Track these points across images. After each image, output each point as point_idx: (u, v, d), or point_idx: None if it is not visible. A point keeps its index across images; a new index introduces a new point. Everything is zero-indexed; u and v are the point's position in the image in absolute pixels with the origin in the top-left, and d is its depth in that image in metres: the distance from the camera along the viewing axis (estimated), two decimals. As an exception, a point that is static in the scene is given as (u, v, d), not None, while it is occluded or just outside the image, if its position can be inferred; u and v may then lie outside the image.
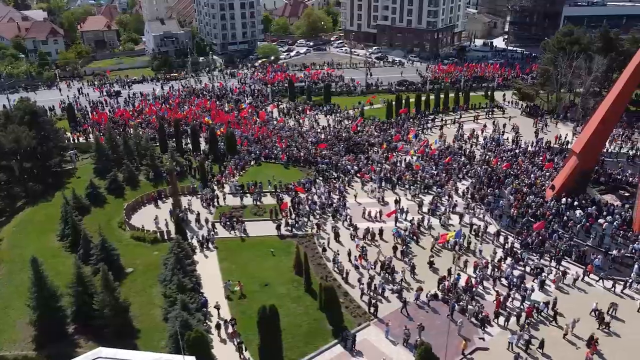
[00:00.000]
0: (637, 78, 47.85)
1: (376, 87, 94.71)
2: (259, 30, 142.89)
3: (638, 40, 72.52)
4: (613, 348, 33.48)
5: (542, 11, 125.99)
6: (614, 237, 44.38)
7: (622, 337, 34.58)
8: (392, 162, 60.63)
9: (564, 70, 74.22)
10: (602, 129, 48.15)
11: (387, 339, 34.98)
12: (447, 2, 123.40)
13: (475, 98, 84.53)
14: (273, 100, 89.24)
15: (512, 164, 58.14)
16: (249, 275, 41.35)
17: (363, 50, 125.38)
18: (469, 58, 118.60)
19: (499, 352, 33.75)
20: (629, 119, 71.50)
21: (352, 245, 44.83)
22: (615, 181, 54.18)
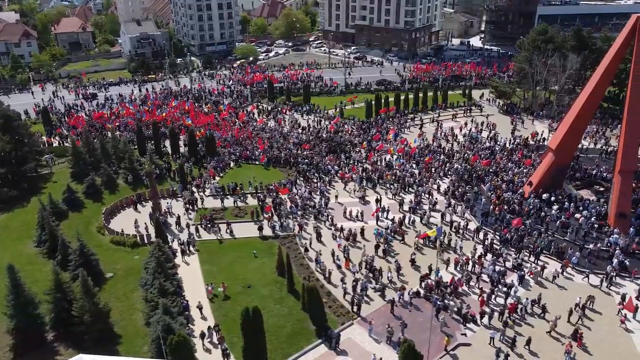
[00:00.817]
0: (610, 75, 48.95)
1: (356, 87, 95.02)
2: (237, 31, 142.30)
3: (610, 39, 73.98)
4: (593, 340, 34.14)
5: (517, 10, 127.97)
6: (589, 231, 45.32)
7: (601, 329, 35.32)
8: (373, 162, 60.94)
9: (539, 68, 75.50)
10: (577, 126, 49.08)
11: (371, 337, 35.15)
12: (424, 2, 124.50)
13: (453, 97, 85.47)
14: (252, 101, 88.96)
15: (490, 162, 58.91)
16: (231, 277, 41.14)
17: (342, 50, 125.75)
18: (446, 57, 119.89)
19: (480, 348, 34.17)
20: (602, 115, 73.03)
21: (335, 245, 44.94)
22: (590, 176, 55.30)
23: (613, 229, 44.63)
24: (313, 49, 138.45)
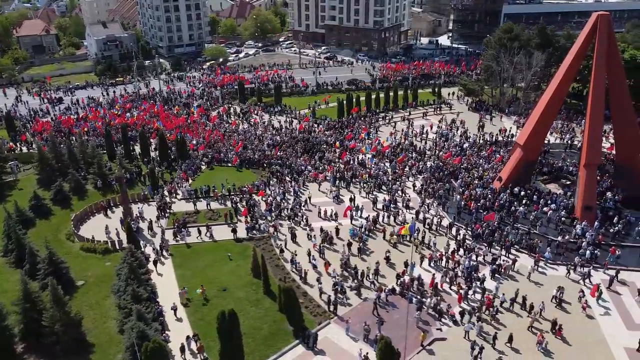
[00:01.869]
0: (573, 72, 50.36)
1: (327, 87, 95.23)
2: (206, 32, 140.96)
3: (572, 36, 76.05)
4: (566, 328, 35.03)
5: (484, 9, 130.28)
6: (557, 224, 46.53)
7: (572, 318, 36.29)
8: (345, 161, 61.22)
9: (506, 66, 77.05)
10: (543, 121, 50.30)
11: (348, 335, 35.31)
12: (392, 2, 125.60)
13: (423, 95, 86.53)
14: (223, 103, 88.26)
15: (462, 158, 59.85)
16: (206, 281, 40.74)
17: (312, 50, 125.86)
18: (415, 56, 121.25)
19: (456, 342, 34.71)
20: (567, 111, 74.97)
21: (310, 245, 44.98)
22: (557, 171, 56.75)
23: (580, 221, 45.87)
24: (283, 49, 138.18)
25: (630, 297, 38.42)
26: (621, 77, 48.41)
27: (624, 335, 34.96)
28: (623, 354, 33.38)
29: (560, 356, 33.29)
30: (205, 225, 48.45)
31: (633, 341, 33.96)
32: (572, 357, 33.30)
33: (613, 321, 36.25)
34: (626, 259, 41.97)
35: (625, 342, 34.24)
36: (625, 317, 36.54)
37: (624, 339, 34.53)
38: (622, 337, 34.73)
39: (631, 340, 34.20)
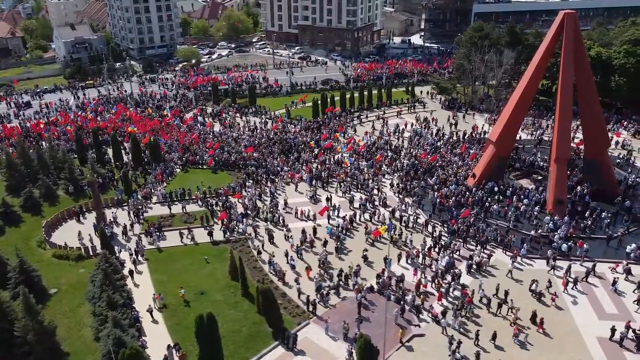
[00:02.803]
0: (542, 69, 51.40)
1: (301, 87, 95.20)
2: (177, 34, 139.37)
3: (541, 34, 77.70)
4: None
5: (454, 8, 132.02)
6: (530, 218, 47.46)
7: (547, 311, 37.02)
8: (321, 161, 61.29)
9: (477, 64, 78.29)
10: (514, 118, 51.21)
11: (328, 335, 35.37)
12: (364, 2, 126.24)
13: (397, 94, 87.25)
14: (197, 105, 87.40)
15: (437, 156, 60.48)
16: (183, 285, 40.22)
17: (286, 50, 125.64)
18: (388, 55, 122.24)
19: (434, 337, 35.09)
20: (537, 107, 76.53)
21: (287, 245, 44.91)
22: (529, 166, 57.88)
23: (552, 215, 46.87)
24: (257, 50, 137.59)
25: (601, 288, 39.41)
26: (588, 74, 49.63)
27: (596, 325, 35.87)
28: (595, 343, 34.23)
29: (535, 348, 33.95)
30: (186, 228, 47.93)
31: (604, 330, 34.86)
32: (546, 348, 33.99)
33: (585, 312, 37.15)
34: (596, 251, 43.06)
35: (597, 332, 35.13)
36: (597, 308, 37.48)
37: (596, 329, 35.43)
38: (594, 327, 35.63)
39: (603, 329, 35.11)
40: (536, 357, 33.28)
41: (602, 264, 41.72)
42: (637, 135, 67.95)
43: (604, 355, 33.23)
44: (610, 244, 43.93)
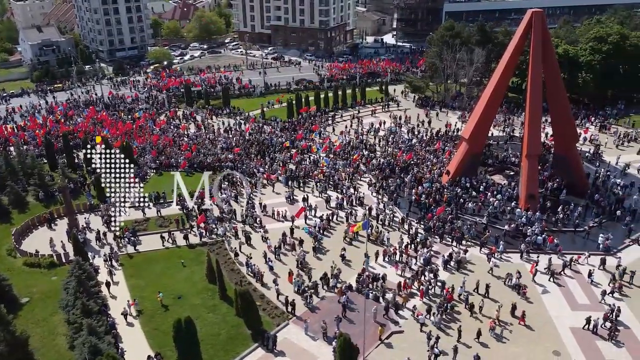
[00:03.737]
0: (512, 67, 52.40)
1: (275, 88, 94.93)
2: (148, 35, 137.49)
3: (510, 33, 79.18)
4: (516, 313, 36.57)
5: (425, 8, 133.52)
6: (504, 213, 48.32)
7: (523, 303, 37.70)
8: (297, 161, 61.26)
9: (449, 63, 79.33)
10: (486, 115, 52.06)
11: (307, 335, 35.38)
12: (337, 1, 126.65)
13: (371, 93, 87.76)
14: (170, 107, 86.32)
15: (413, 154, 61.02)
16: (160, 289, 39.71)
17: (259, 51, 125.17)
18: (362, 55, 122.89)
19: (413, 333, 35.44)
20: (508, 104, 77.94)
21: (265, 246, 44.76)
22: (501, 162, 58.93)
23: (525, 210, 47.80)
24: (229, 50, 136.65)
25: (573, 279, 40.37)
26: (556, 71, 50.78)
27: (569, 315, 36.77)
28: (569, 333, 35.09)
29: (511, 340, 34.59)
30: (167, 232, 47.36)
31: (577, 321, 35.82)
32: (522, 340, 34.68)
33: (558, 303, 38.01)
34: (568, 244, 44.12)
35: (570, 322, 36.01)
36: (569, 299, 38.41)
37: (569, 319, 36.32)
38: (567, 318, 36.51)
39: (576, 320, 36.05)
40: (512, 349, 33.91)
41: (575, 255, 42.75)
42: (604, 129, 69.83)
43: (577, 345, 34.08)
44: (582, 237, 45.04)
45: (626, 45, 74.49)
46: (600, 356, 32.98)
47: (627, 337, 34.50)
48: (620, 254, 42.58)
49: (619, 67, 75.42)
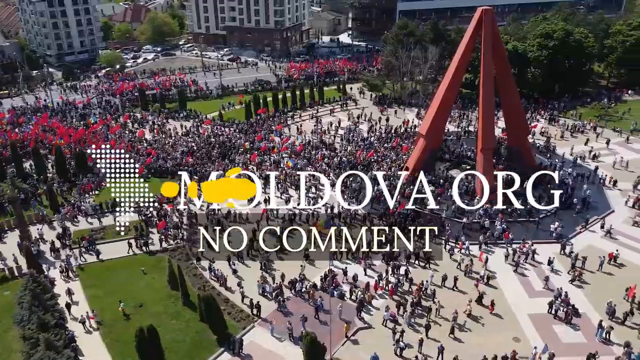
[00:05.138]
0: (465, 64, 53.70)
1: (232, 89, 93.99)
2: (99, 38, 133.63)
3: (462, 30, 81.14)
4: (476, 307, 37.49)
5: (380, 7, 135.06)
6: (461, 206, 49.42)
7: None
8: (257, 162, 60.87)
9: (404, 61, 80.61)
10: (441, 111, 53.19)
11: (273, 336, 35.26)
12: (292, 1, 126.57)
13: (329, 92, 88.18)
14: (124, 112, 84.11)
15: (375, 152, 61.61)
16: (120, 298, 38.62)
17: (214, 52, 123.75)
18: (318, 54, 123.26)
19: (379, 329, 35.91)
20: (462, 100, 79.90)
21: (227, 250, 44.12)
22: (457, 157, 60.32)
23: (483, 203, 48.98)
24: (184, 52, 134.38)
25: (530, 268, 41.77)
26: (506, 67, 52.42)
27: (527, 302, 38.05)
28: (527, 320, 36.34)
29: (474, 330, 35.50)
30: (134, 238, 46.20)
31: (535, 308, 37.18)
32: (484, 329, 35.66)
33: (516, 291, 39.31)
34: (523, 233, 45.60)
35: (528, 309, 37.29)
36: (527, 286, 39.75)
37: (527, 306, 37.60)
38: (526, 305, 37.78)
39: (533, 306, 37.39)
40: (475, 338, 34.78)
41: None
42: (553, 122, 72.56)
43: (535, 331, 35.33)
44: (535, 225, 46.68)
45: (570, 41, 77.73)
46: (557, 340, 34.26)
47: (582, 321, 36.01)
48: (572, 241, 44.47)
49: (565, 62, 78.65)
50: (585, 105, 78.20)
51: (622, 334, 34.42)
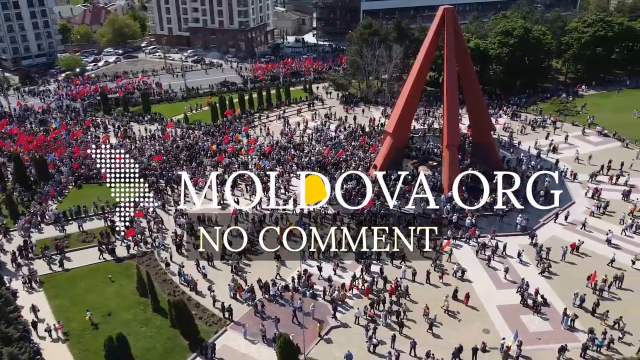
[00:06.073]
0: (428, 62, 54.46)
1: (197, 91, 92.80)
2: (57, 41, 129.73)
3: (425, 29, 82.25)
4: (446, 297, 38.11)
5: (344, 6, 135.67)
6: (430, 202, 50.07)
7: (452, 287, 39.56)
8: (225, 165, 60.29)
9: (369, 60, 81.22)
10: (407, 109, 53.82)
11: (246, 339, 35.04)
12: (255, 2, 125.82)
13: (296, 92, 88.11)
14: (86, 116, 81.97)
15: (344, 151, 61.77)
16: (88, 308, 37.65)
17: (178, 54, 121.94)
18: (284, 55, 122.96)
19: (352, 327, 36.13)
20: (427, 98, 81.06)
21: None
22: (424, 154, 61.17)
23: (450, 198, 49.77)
24: (147, 55, 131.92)
25: (499, 261, 42.67)
26: (469, 64, 53.46)
27: (495, 294, 38.93)
28: (496, 311, 37.23)
29: (445, 323, 36.06)
30: (105, 244, 45.18)
31: (502, 299, 38.15)
32: (455, 323, 36.30)
33: (485, 284, 40.16)
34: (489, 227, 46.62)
35: (497, 301, 38.18)
36: (495, 279, 40.64)
37: (496, 298, 38.49)
38: (494, 297, 38.66)
39: (501, 298, 38.33)
40: (447, 332, 35.36)
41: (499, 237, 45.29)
42: (515, 117, 74.40)
43: (503, 321, 36.23)
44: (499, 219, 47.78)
45: (529, 38, 79.93)
46: (525, 329, 35.15)
47: (549, 310, 37.06)
48: (536, 233, 45.80)
49: (525, 58, 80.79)
50: (545, 101, 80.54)
51: (587, 322, 35.61)
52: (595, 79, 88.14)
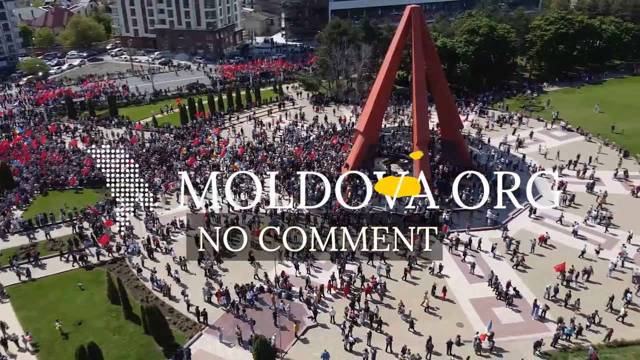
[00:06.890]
0: (397, 61, 54.93)
1: (165, 94, 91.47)
2: (18, 44, 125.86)
3: (393, 28, 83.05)
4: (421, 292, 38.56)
5: (312, 7, 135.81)
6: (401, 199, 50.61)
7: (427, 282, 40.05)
8: (196, 167, 59.61)
9: (339, 59, 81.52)
10: (377, 108, 54.19)
11: (222, 342, 34.72)
12: (223, 2, 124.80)
13: (266, 93, 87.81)
14: (50, 121, 79.81)
15: (315, 152, 61.80)
16: (57, 317, 36.69)
17: (144, 56, 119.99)
18: (253, 55, 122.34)
19: (328, 327, 36.18)
20: (397, 96, 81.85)
21: (169, 258, 43.12)
22: (395, 151, 61.75)
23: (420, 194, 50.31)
24: (112, 57, 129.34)
25: (472, 254, 43.37)
26: (437, 63, 54.14)
27: (467, 288, 39.61)
28: (469, 305, 37.90)
29: (420, 320, 36.38)
30: (76, 251, 44.23)
31: (474, 293, 38.92)
32: (430, 317, 36.76)
33: (457, 278, 40.81)
34: (461, 222, 47.41)
35: (469, 295, 38.85)
36: (466, 273, 41.32)
37: (468, 292, 39.17)
38: (466, 291, 39.34)
39: (473, 292, 39.06)
40: (423, 327, 35.67)
41: (467, 231, 46.06)
42: (482, 114, 75.82)
43: (476, 314, 36.91)
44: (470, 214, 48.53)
45: (495, 36, 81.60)
46: (497, 321, 35.85)
47: (521, 302, 37.90)
48: (508, 227, 46.80)
49: (490, 56, 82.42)
50: (511, 97, 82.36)
51: (557, 312, 36.54)
52: (558, 75, 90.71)
